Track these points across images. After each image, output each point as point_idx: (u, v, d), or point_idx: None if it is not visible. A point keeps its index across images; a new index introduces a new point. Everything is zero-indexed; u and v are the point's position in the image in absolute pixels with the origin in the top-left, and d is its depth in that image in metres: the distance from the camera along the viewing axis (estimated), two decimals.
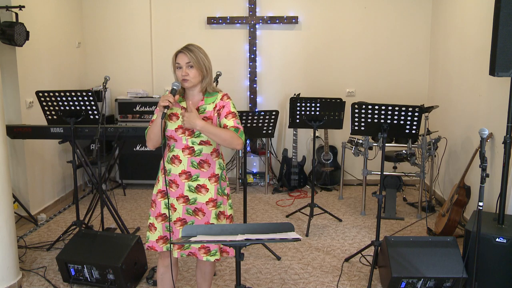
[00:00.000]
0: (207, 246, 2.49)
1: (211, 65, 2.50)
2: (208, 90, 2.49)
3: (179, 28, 5.67)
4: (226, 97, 2.51)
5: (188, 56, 2.40)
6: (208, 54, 2.51)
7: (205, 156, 2.47)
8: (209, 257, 2.50)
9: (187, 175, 2.47)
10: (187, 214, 2.50)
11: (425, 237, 3.57)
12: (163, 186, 2.53)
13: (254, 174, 5.86)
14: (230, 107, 2.49)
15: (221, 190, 2.54)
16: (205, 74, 2.46)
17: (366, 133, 3.58)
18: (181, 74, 2.42)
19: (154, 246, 2.56)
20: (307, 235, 4.21)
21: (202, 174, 2.47)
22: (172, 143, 2.49)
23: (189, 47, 2.45)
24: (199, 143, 2.44)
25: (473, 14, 4.34)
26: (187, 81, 2.42)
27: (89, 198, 5.16)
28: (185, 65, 2.41)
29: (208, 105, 2.48)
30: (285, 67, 5.74)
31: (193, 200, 2.48)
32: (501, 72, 3.15)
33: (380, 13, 5.57)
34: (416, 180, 5.50)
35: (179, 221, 2.51)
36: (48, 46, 4.89)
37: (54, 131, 3.89)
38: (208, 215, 2.49)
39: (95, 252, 3.27)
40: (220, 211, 2.53)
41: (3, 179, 3.12)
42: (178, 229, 2.51)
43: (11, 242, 3.19)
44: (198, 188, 2.48)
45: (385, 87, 5.67)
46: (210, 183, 2.49)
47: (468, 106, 4.42)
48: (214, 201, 2.50)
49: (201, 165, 2.47)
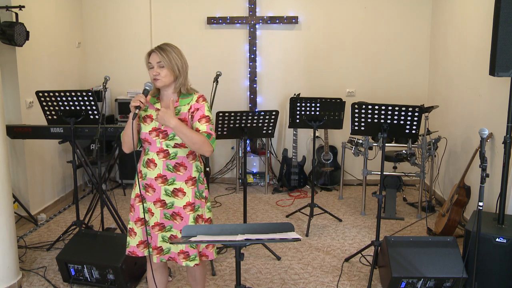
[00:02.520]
0: (186, 251, 2.44)
1: (186, 65, 2.43)
2: (182, 91, 2.43)
3: (179, 28, 5.67)
4: (201, 99, 2.44)
5: (159, 56, 2.35)
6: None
7: (181, 159, 2.41)
8: (189, 262, 2.44)
9: (163, 179, 2.41)
10: (165, 218, 2.45)
11: (425, 237, 3.56)
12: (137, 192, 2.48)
13: (254, 174, 5.86)
14: (204, 110, 2.41)
15: (199, 193, 2.48)
16: (178, 74, 2.40)
17: (366, 133, 3.58)
18: (152, 74, 2.38)
19: (135, 251, 2.52)
20: (307, 235, 4.21)
21: (178, 178, 2.42)
22: (147, 146, 2.43)
23: (162, 46, 2.39)
24: (173, 146, 2.39)
25: (473, 14, 4.34)
26: (158, 80, 2.37)
27: (89, 198, 5.16)
28: (156, 65, 2.36)
29: (182, 107, 2.42)
30: (285, 67, 5.74)
31: (170, 205, 2.43)
32: (501, 72, 3.15)
33: (380, 13, 5.57)
34: (416, 180, 5.50)
35: (157, 226, 2.46)
36: (48, 46, 4.89)
37: (54, 131, 3.89)
38: (186, 219, 2.43)
39: (95, 252, 3.27)
40: (198, 215, 2.47)
41: (3, 179, 3.12)
42: (156, 234, 2.46)
43: (11, 242, 3.19)
44: (175, 192, 2.42)
45: (385, 87, 5.67)
46: (187, 187, 2.43)
47: (468, 106, 4.42)
48: (192, 205, 2.43)
49: (177, 168, 2.41)
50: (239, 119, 3.66)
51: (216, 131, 3.68)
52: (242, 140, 3.92)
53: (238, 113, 3.63)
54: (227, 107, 4.17)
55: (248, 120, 3.70)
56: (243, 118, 3.67)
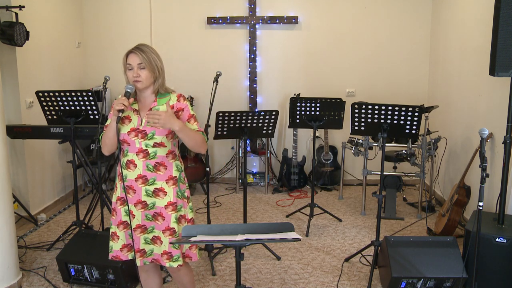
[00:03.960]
0: (169, 252, 2.41)
1: (163, 65, 2.43)
2: (160, 91, 2.43)
3: (179, 28, 5.67)
4: (182, 98, 2.44)
5: (140, 57, 2.33)
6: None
7: (161, 159, 2.39)
8: (172, 263, 2.42)
9: (144, 180, 2.39)
10: (146, 220, 2.43)
11: (425, 237, 3.57)
12: (121, 193, 2.45)
13: (254, 174, 5.86)
14: (189, 110, 2.43)
15: (181, 193, 2.45)
16: (158, 75, 2.39)
17: (366, 133, 3.58)
18: (132, 76, 2.35)
19: (119, 255, 2.49)
20: (307, 235, 4.21)
21: (158, 177, 2.39)
22: (126, 147, 2.40)
23: (141, 47, 2.36)
24: (152, 145, 2.37)
25: (473, 14, 4.34)
26: (138, 82, 2.35)
27: (89, 198, 5.15)
28: (136, 66, 2.34)
29: (161, 106, 2.40)
30: (285, 67, 5.74)
31: (151, 205, 2.41)
32: (501, 72, 3.15)
33: (380, 13, 5.57)
34: (416, 180, 5.49)
35: (138, 228, 2.44)
36: (48, 46, 4.89)
37: (54, 131, 3.89)
38: (168, 219, 2.40)
39: (95, 252, 3.27)
40: (180, 215, 2.44)
41: (3, 179, 3.12)
42: (139, 236, 2.44)
43: (11, 242, 3.19)
44: (156, 192, 2.40)
45: (385, 87, 5.67)
46: (168, 186, 2.41)
47: (468, 106, 4.42)
48: (174, 205, 2.41)
49: (157, 168, 2.39)
50: (239, 119, 3.66)
51: (216, 131, 3.69)
52: (242, 140, 3.92)
53: (238, 113, 3.63)
54: (227, 107, 4.17)
55: (248, 120, 3.70)
56: (243, 118, 3.67)
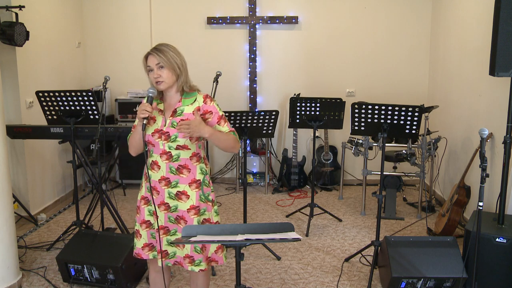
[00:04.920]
0: (191, 256, 2.40)
1: (185, 62, 2.37)
2: (185, 89, 2.38)
3: (179, 28, 5.67)
4: (209, 100, 2.38)
5: (157, 57, 2.29)
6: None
7: (184, 161, 2.36)
8: (194, 267, 2.40)
9: (166, 182, 2.37)
10: (170, 222, 2.42)
11: (425, 237, 3.57)
12: (145, 193, 2.45)
13: (254, 174, 5.86)
14: (218, 111, 2.39)
15: (204, 196, 2.41)
16: (179, 73, 2.34)
17: (366, 133, 3.58)
18: (153, 77, 2.31)
19: (140, 254, 2.49)
20: (307, 235, 4.21)
21: (181, 180, 2.36)
22: (151, 148, 2.39)
23: (158, 47, 2.33)
24: (175, 148, 2.34)
25: (473, 14, 4.34)
26: (161, 83, 2.31)
27: (89, 198, 5.16)
28: (156, 67, 2.30)
29: (186, 107, 2.36)
30: (285, 67, 5.74)
31: (174, 208, 2.39)
32: (501, 72, 3.15)
33: (380, 13, 5.57)
34: (416, 180, 5.49)
35: (162, 229, 2.42)
36: (48, 46, 4.89)
37: (54, 131, 3.89)
38: (190, 223, 2.38)
39: (95, 252, 3.27)
40: (204, 219, 2.42)
41: (3, 179, 3.12)
42: (162, 237, 2.43)
43: (11, 242, 3.19)
44: (178, 195, 2.37)
45: (385, 87, 5.67)
46: (191, 190, 2.38)
47: (468, 106, 4.42)
48: (197, 208, 2.38)
49: (180, 171, 2.36)
50: (239, 119, 3.66)
51: None
52: (242, 140, 3.91)
53: (238, 113, 3.63)
54: (227, 107, 4.16)
55: (248, 120, 3.70)
56: (243, 118, 3.67)
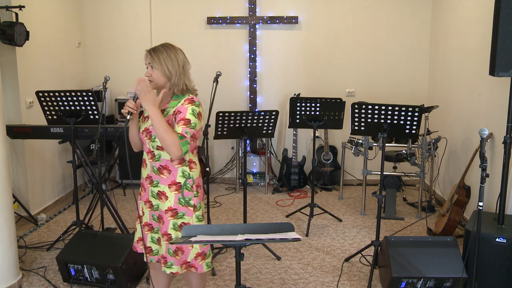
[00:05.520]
0: (165, 257, 2.41)
1: (182, 66, 2.37)
2: (175, 92, 2.38)
3: (179, 28, 5.67)
4: (187, 101, 2.33)
5: (149, 57, 2.35)
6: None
7: (165, 162, 2.36)
8: (166, 268, 2.41)
9: (150, 180, 2.41)
10: (153, 220, 2.46)
11: (425, 237, 3.57)
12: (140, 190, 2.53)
13: (254, 174, 5.86)
14: (186, 113, 2.29)
15: (184, 200, 2.37)
16: (169, 75, 2.34)
17: (366, 133, 3.58)
18: (145, 75, 2.37)
19: (136, 247, 2.56)
20: (307, 235, 4.21)
21: (161, 181, 2.37)
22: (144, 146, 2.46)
23: (156, 46, 2.37)
24: (156, 148, 2.35)
25: (473, 14, 4.34)
26: (151, 82, 2.35)
27: (89, 198, 5.16)
28: (148, 66, 2.37)
29: (171, 109, 2.37)
30: (285, 67, 5.74)
31: (156, 207, 2.42)
32: (501, 72, 3.15)
33: (380, 13, 5.57)
34: (416, 180, 5.49)
35: (146, 226, 2.48)
36: (48, 46, 4.89)
37: (54, 131, 3.89)
38: (166, 224, 2.38)
39: (95, 252, 3.27)
40: (183, 222, 2.38)
41: (3, 179, 3.12)
42: (146, 234, 2.48)
43: (11, 242, 3.19)
44: (159, 194, 2.39)
45: (385, 87, 5.67)
46: (170, 191, 2.37)
47: (468, 106, 4.42)
48: (174, 211, 2.36)
49: (161, 171, 2.37)
50: (239, 119, 3.66)
51: (216, 131, 3.69)
52: (242, 140, 3.92)
53: (238, 113, 3.63)
54: (227, 107, 4.17)
55: (248, 120, 3.70)
56: (243, 118, 3.67)
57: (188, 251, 2.40)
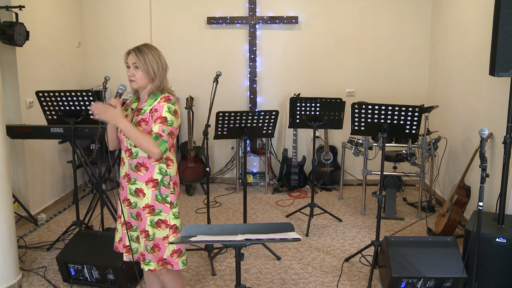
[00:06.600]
0: (144, 254, 2.43)
1: (162, 68, 2.40)
2: (153, 91, 2.39)
3: (179, 28, 5.67)
4: (163, 99, 2.33)
5: (135, 57, 2.35)
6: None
7: (142, 159, 2.38)
8: (144, 266, 2.44)
9: (128, 178, 2.43)
10: (132, 218, 2.47)
11: (425, 237, 3.57)
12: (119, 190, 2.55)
13: (254, 174, 5.86)
14: (162, 111, 2.31)
15: (161, 197, 2.40)
16: (153, 77, 2.37)
17: (366, 133, 3.58)
18: (128, 74, 2.38)
19: (117, 247, 2.57)
20: (307, 235, 4.21)
21: (139, 178, 2.40)
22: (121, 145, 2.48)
23: (140, 47, 2.38)
24: (134, 145, 2.36)
25: (473, 14, 4.35)
26: (133, 82, 2.38)
27: (89, 198, 5.15)
28: (132, 66, 2.37)
29: (148, 107, 2.38)
30: (285, 67, 5.74)
31: (134, 204, 2.44)
32: (501, 72, 3.15)
33: (380, 13, 5.57)
34: (416, 180, 5.49)
35: (125, 224, 2.49)
36: (48, 46, 4.89)
37: (54, 131, 3.89)
38: (144, 221, 2.40)
39: (95, 252, 3.27)
40: (160, 219, 2.40)
41: (3, 179, 3.12)
42: (125, 232, 2.49)
43: (11, 242, 3.19)
44: (137, 191, 2.41)
45: (385, 87, 5.67)
46: (147, 188, 2.39)
47: (468, 106, 4.42)
48: (151, 208, 2.39)
49: (138, 168, 2.39)
50: (239, 119, 3.66)
51: (216, 131, 3.69)
52: (242, 140, 3.92)
53: (238, 113, 3.63)
54: (227, 107, 4.17)
55: (248, 120, 3.70)
56: (243, 118, 3.67)
57: (164, 248, 2.43)
